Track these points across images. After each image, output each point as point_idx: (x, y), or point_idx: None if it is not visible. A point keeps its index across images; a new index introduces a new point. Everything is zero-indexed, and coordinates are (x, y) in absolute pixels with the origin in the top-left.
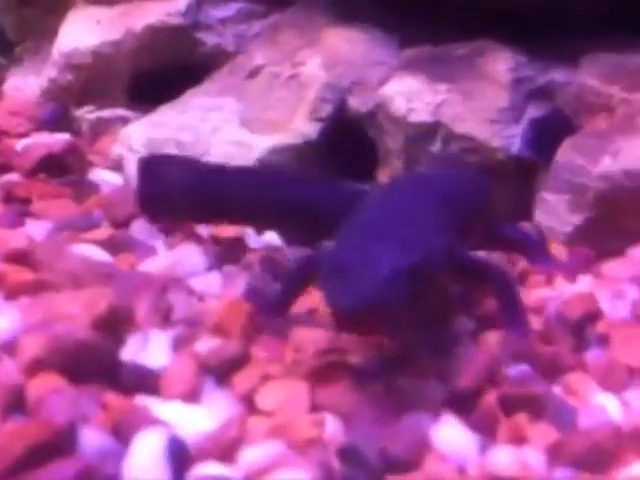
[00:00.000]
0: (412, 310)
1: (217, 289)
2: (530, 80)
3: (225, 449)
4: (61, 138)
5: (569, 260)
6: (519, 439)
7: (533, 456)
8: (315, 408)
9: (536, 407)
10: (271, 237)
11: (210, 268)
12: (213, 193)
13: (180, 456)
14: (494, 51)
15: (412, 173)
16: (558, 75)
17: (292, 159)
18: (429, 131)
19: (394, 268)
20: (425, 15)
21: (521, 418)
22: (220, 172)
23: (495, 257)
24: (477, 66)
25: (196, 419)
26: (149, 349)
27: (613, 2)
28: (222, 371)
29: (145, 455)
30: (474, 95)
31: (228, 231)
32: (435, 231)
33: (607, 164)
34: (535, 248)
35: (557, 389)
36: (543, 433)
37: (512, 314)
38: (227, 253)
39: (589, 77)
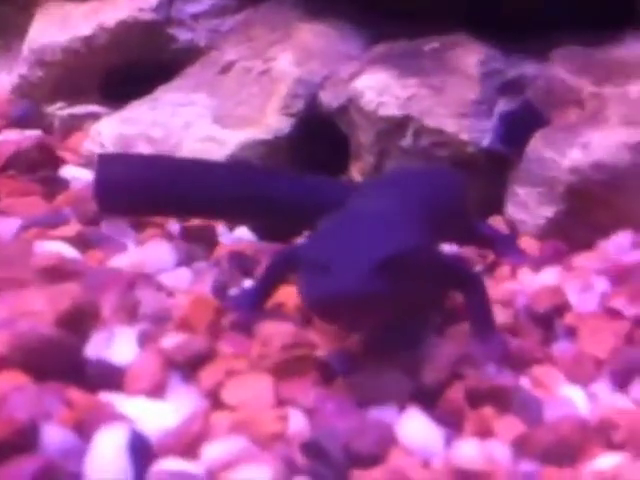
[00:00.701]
0: (394, 303)
1: (186, 285)
2: (500, 73)
3: (188, 444)
4: (31, 135)
5: (540, 253)
6: (485, 432)
7: (499, 449)
8: (280, 403)
9: (502, 400)
10: (242, 233)
11: (179, 264)
12: (170, 189)
13: (142, 452)
14: (465, 45)
15: (390, 171)
16: (528, 68)
17: (264, 154)
18: (399, 125)
19: (374, 260)
20: (397, 10)
21: (487, 411)
22: (179, 167)
23: (466, 251)
24: (448, 60)
25: (160, 415)
26: (114, 345)
27: None
28: (188, 366)
29: (106, 451)
30: (444, 89)
31: (199, 227)
32: (413, 227)
33: (576, 157)
34: (505, 243)
35: (524, 381)
36: (509, 426)
37: (482, 325)
38: (197, 249)
39: (559, 70)
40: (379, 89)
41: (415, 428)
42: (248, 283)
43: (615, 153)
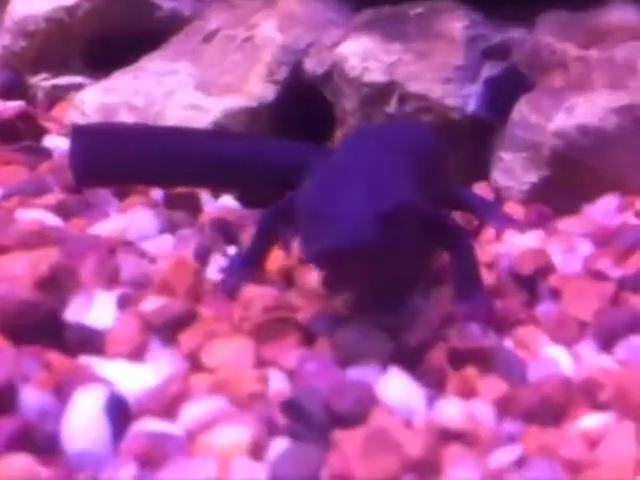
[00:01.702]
0: (395, 255)
1: (169, 251)
2: (485, 38)
3: (166, 405)
4: (13, 105)
5: (525, 218)
6: (468, 393)
7: (482, 409)
8: (260, 364)
9: (485, 361)
10: (227, 200)
11: (162, 231)
12: (144, 158)
13: (120, 412)
14: (449, 10)
15: (370, 125)
16: (514, 33)
17: (247, 122)
18: (384, 91)
19: (377, 212)
20: None
21: (470, 372)
22: (154, 135)
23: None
24: (432, 25)
25: (139, 377)
26: (93, 309)
27: None
28: (168, 330)
29: (84, 412)
30: (429, 54)
31: (183, 195)
32: (405, 180)
33: (562, 121)
34: (488, 209)
35: (508, 343)
36: (492, 386)
37: (467, 285)
38: (181, 217)
39: (544, 34)
40: (363, 55)
41: (396, 387)
42: (231, 249)
43: (600, 117)
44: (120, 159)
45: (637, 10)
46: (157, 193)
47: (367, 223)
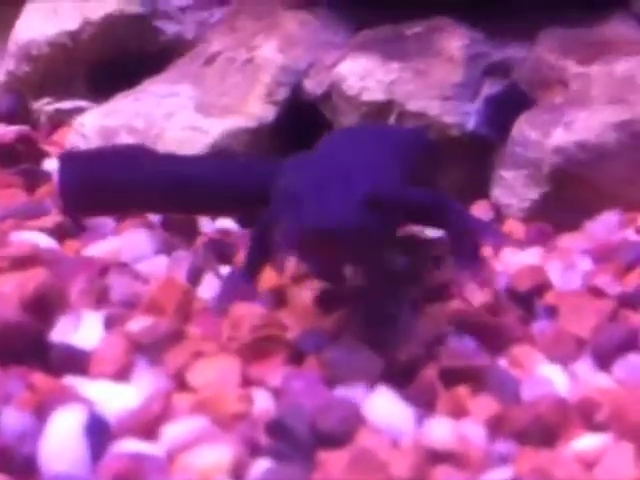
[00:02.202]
0: (378, 238)
1: (163, 272)
2: (485, 56)
3: (147, 425)
4: (13, 128)
5: (525, 236)
6: (459, 412)
7: (473, 429)
8: (246, 383)
9: (477, 379)
10: (225, 222)
11: (158, 252)
12: (135, 185)
13: (100, 433)
14: (448, 29)
15: (357, 126)
16: (514, 51)
17: (248, 143)
18: (382, 109)
19: (359, 195)
20: None
21: (461, 391)
22: (144, 162)
23: None
24: (431, 44)
25: (122, 397)
26: (80, 329)
27: None
28: (155, 350)
29: (62, 432)
30: (428, 72)
31: (181, 217)
32: (386, 171)
33: (561, 137)
34: (486, 228)
35: (502, 361)
36: (484, 406)
37: (466, 253)
38: (177, 239)
39: (544, 51)
40: (362, 74)
41: (384, 407)
42: (226, 269)
43: (600, 132)
44: (107, 187)
45: (637, 25)
46: (155, 216)
47: (349, 206)
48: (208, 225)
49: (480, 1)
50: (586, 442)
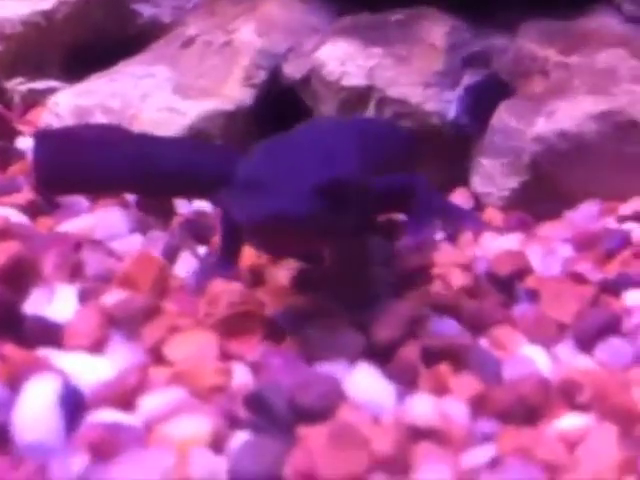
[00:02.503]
0: (333, 227)
1: (137, 250)
2: (466, 45)
3: (123, 396)
4: None
5: (504, 224)
6: (441, 390)
7: (455, 407)
8: (224, 358)
9: (459, 358)
10: (202, 204)
11: (132, 231)
12: (107, 164)
13: (74, 403)
14: (431, 17)
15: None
16: (495, 40)
17: (224, 125)
18: (362, 95)
19: (314, 182)
20: None
21: (442, 369)
22: (117, 142)
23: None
24: (413, 31)
25: (97, 369)
26: (54, 302)
27: None
28: (130, 324)
29: (36, 402)
30: (409, 59)
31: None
32: (350, 157)
33: (542, 126)
34: (466, 215)
35: (483, 342)
36: (466, 384)
37: (421, 216)
38: (153, 218)
39: (526, 41)
40: (342, 59)
41: (364, 383)
42: (202, 249)
43: (581, 122)
44: (80, 166)
45: (618, 17)
46: (130, 195)
47: (304, 193)
48: (185, 206)
49: None
50: (569, 422)
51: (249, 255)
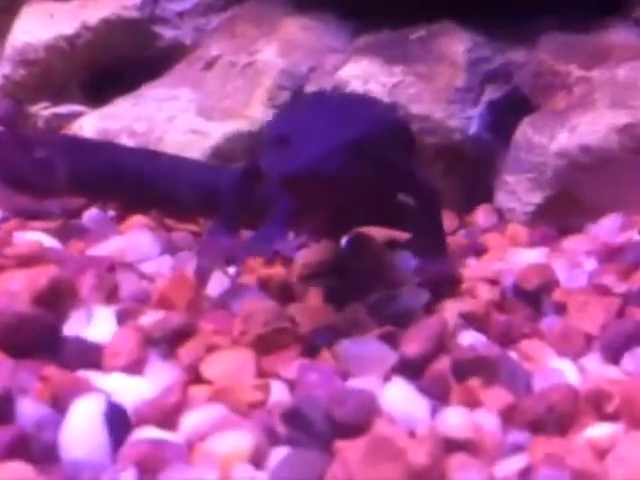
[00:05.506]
0: (360, 185)
1: (168, 271)
2: (487, 61)
3: (165, 414)
4: None
5: (529, 240)
6: (472, 403)
7: (486, 418)
8: (261, 375)
9: (489, 371)
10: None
11: (162, 253)
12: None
13: (119, 421)
14: (451, 33)
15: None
16: (515, 55)
17: (248, 146)
18: None
19: (340, 138)
20: (382, 2)
21: (473, 383)
22: (84, 148)
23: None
24: (434, 48)
25: (137, 388)
26: (93, 324)
27: None
28: (167, 343)
29: (82, 421)
30: (431, 76)
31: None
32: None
33: (564, 141)
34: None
35: (512, 355)
36: (496, 397)
37: (430, 241)
38: (180, 238)
39: (547, 56)
40: (365, 77)
41: (399, 397)
42: (231, 270)
43: (602, 136)
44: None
45: (636, 30)
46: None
47: (331, 149)
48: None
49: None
50: (598, 431)
51: (279, 273)
